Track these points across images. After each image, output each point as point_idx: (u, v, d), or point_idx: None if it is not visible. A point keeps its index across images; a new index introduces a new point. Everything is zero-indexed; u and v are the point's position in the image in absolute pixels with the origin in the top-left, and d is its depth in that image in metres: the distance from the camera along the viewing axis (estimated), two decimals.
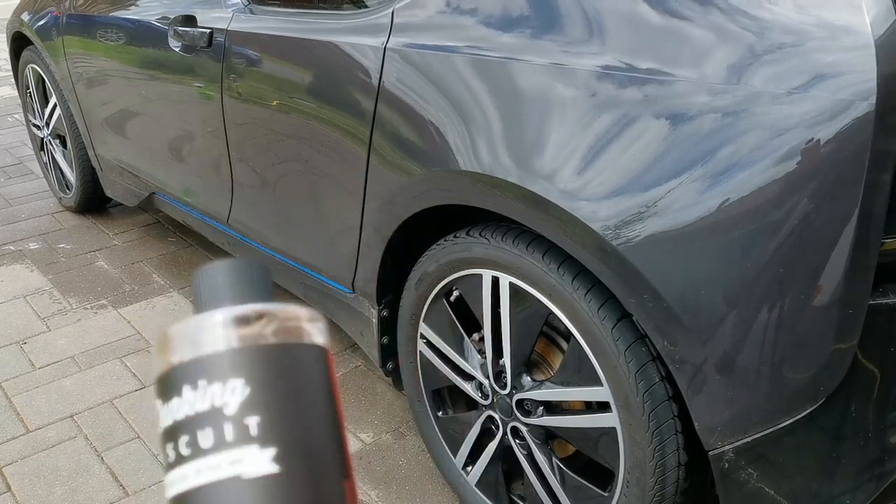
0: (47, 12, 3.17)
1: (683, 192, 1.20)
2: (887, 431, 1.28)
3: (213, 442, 0.29)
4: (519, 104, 1.40)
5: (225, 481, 0.28)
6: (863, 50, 1.06)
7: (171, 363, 0.31)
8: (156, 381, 0.31)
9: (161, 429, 0.31)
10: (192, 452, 0.29)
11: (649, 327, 1.31)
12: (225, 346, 0.30)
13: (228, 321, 0.31)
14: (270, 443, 0.29)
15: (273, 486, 0.29)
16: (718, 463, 1.31)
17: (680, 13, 1.23)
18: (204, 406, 0.29)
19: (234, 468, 0.29)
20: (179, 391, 0.30)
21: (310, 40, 1.86)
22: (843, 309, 1.15)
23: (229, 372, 0.30)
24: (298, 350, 0.31)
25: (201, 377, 0.30)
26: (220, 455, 0.29)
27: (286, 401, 0.30)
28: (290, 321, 0.31)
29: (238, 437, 0.29)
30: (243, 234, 2.43)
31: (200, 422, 0.29)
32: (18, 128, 4.98)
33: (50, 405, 2.28)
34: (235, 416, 0.29)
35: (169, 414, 0.30)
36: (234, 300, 0.32)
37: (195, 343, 0.30)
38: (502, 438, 1.71)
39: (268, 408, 0.29)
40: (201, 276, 0.33)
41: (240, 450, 0.29)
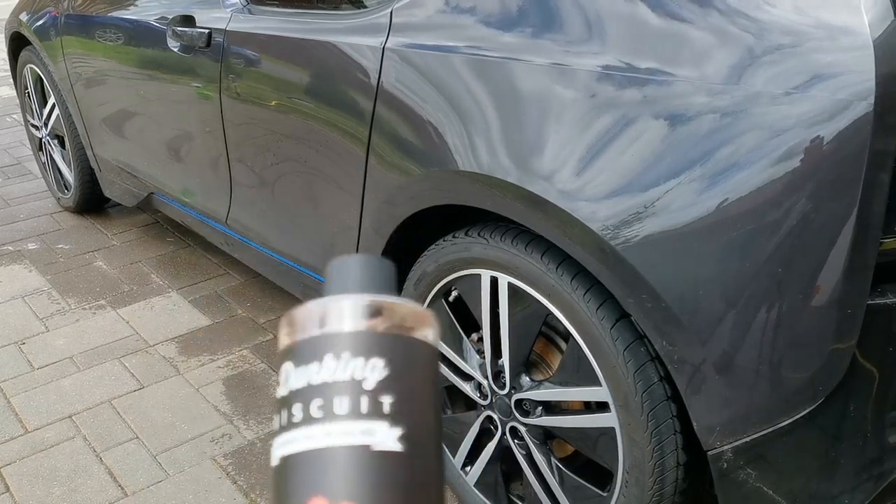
0: (46, 12, 3.17)
1: (682, 193, 1.20)
2: (886, 431, 1.28)
3: (348, 410, 0.31)
4: (518, 104, 1.40)
5: (354, 448, 0.30)
6: (861, 50, 1.06)
7: (314, 332, 0.33)
8: (289, 346, 0.33)
9: (288, 390, 0.32)
10: (325, 416, 0.31)
11: (648, 327, 1.31)
12: (372, 327, 0.32)
13: (372, 305, 0.33)
14: (400, 423, 0.31)
15: (396, 463, 0.30)
16: (717, 463, 1.31)
17: (679, 14, 1.23)
18: (344, 376, 0.31)
19: (364, 438, 0.30)
20: (321, 358, 0.32)
21: (308, 40, 1.86)
22: (842, 309, 1.15)
23: (373, 351, 0.32)
24: (424, 347, 0.33)
25: (346, 350, 0.32)
26: (353, 423, 0.31)
27: (416, 388, 0.32)
28: (420, 318, 0.34)
29: (372, 411, 0.31)
30: (242, 234, 2.43)
31: (339, 389, 0.31)
32: (17, 128, 4.98)
33: (49, 405, 2.28)
34: (373, 392, 0.31)
35: (304, 376, 0.32)
36: (372, 289, 0.34)
37: (341, 318, 0.33)
38: (501, 438, 1.71)
39: (402, 390, 0.31)
40: (336, 265, 0.36)
41: (372, 423, 0.31)
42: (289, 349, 0.33)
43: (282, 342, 0.34)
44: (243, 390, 2.33)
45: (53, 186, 3.70)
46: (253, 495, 1.93)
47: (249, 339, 2.60)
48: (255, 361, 2.47)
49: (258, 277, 2.98)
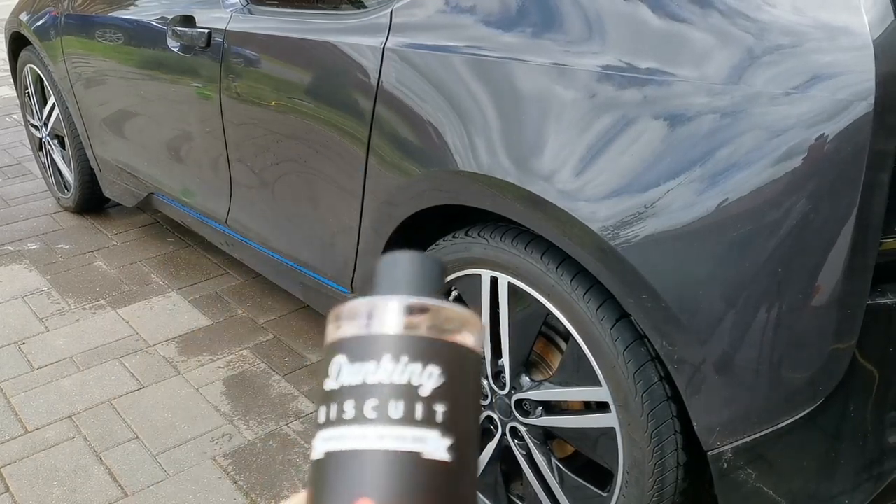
0: (46, 12, 3.17)
1: (682, 193, 1.20)
2: (886, 431, 1.28)
3: (402, 414, 0.31)
4: (517, 104, 1.40)
5: (406, 454, 0.30)
6: (861, 50, 1.06)
7: (372, 331, 0.33)
8: (343, 339, 0.33)
9: (340, 384, 0.32)
10: (378, 417, 0.31)
11: (648, 327, 1.31)
12: (430, 333, 0.32)
13: (431, 309, 0.33)
14: (450, 433, 0.31)
15: (444, 473, 0.30)
16: (717, 463, 1.31)
17: (679, 15, 1.23)
18: (402, 380, 0.31)
19: (417, 445, 0.30)
20: (379, 358, 0.32)
21: (308, 40, 1.86)
22: (842, 309, 1.15)
23: (432, 358, 0.32)
24: (473, 355, 0.34)
25: (405, 354, 0.32)
26: (407, 430, 0.31)
27: (467, 398, 0.32)
28: (472, 325, 0.34)
29: (426, 419, 0.31)
30: (242, 234, 2.43)
31: (395, 393, 0.31)
32: (17, 128, 4.98)
33: (48, 405, 2.28)
34: (428, 399, 0.31)
35: (359, 374, 0.32)
36: (424, 289, 0.34)
37: (400, 320, 0.33)
38: (501, 439, 1.71)
39: (454, 400, 0.32)
40: (387, 262, 0.35)
41: (425, 430, 0.31)
42: (342, 343, 0.33)
43: (332, 334, 0.34)
44: (243, 390, 2.33)
45: (53, 186, 3.70)
46: (253, 495, 1.93)
47: (249, 339, 2.60)
48: (255, 361, 2.47)
49: (258, 277, 2.98)
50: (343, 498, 0.30)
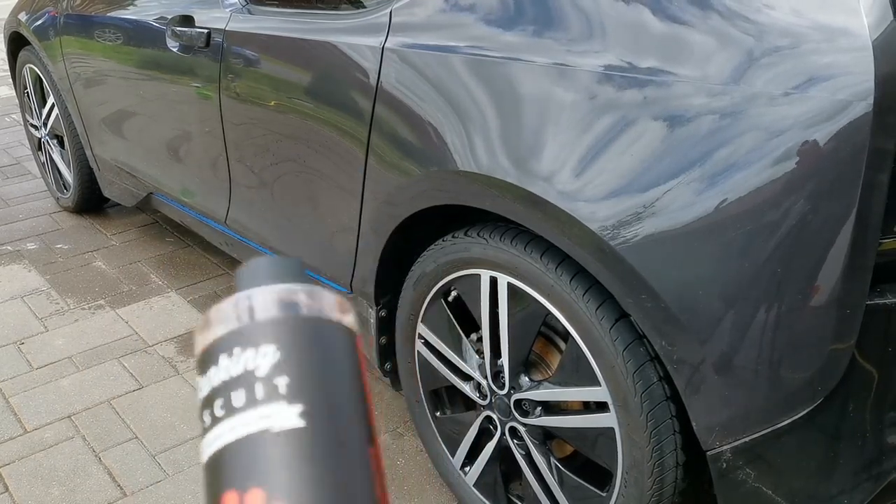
0: (45, 12, 3.17)
1: (682, 193, 1.20)
2: (885, 431, 1.28)
3: (244, 401, 0.31)
4: (517, 104, 1.40)
5: (255, 435, 0.30)
6: (860, 51, 1.06)
7: (211, 339, 0.33)
8: (197, 360, 0.33)
9: (199, 401, 0.33)
10: (226, 413, 0.31)
11: (647, 327, 1.31)
12: (260, 317, 0.32)
13: (264, 296, 0.33)
14: (297, 400, 0.31)
15: (300, 439, 0.30)
16: (716, 463, 1.31)
17: (679, 16, 1.23)
18: (238, 370, 0.31)
19: (263, 422, 0.30)
20: (216, 361, 0.32)
21: (308, 40, 1.86)
22: (841, 309, 1.15)
23: (262, 339, 0.32)
24: (328, 325, 0.33)
25: (237, 345, 0.32)
26: (252, 412, 0.31)
27: (314, 365, 0.32)
28: (321, 301, 0.34)
29: (267, 395, 0.31)
30: (241, 235, 2.43)
31: (234, 384, 0.31)
32: (16, 128, 4.97)
33: (48, 405, 2.28)
34: (266, 377, 0.31)
35: (207, 384, 0.32)
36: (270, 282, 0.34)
37: (231, 318, 0.33)
38: (500, 438, 1.71)
39: (296, 369, 0.31)
40: (243, 268, 0.35)
41: (269, 406, 0.30)
42: (197, 361, 0.34)
43: (195, 355, 0.34)
44: None
45: (52, 186, 3.69)
46: None
47: None
48: None
49: None
50: (212, 499, 0.30)
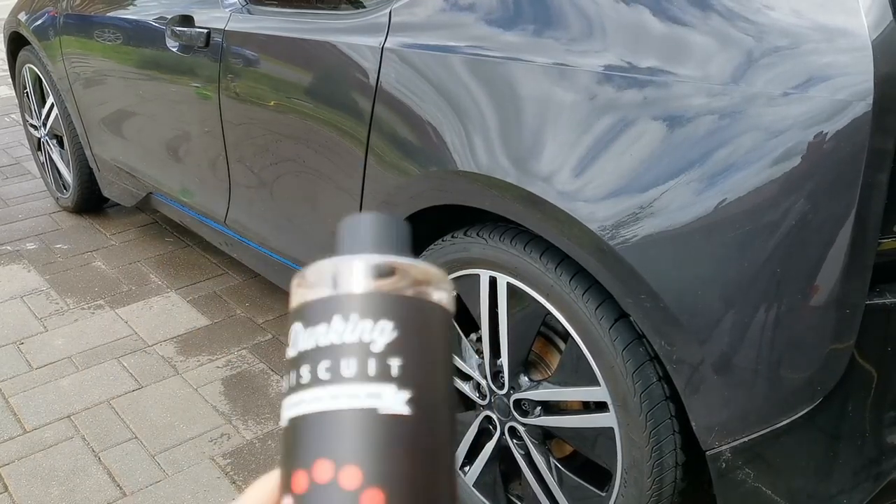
0: (44, 12, 3.17)
1: (681, 193, 1.20)
2: (884, 431, 1.28)
3: (355, 372, 0.30)
4: (517, 104, 1.40)
5: (360, 411, 0.30)
6: (860, 51, 1.06)
7: (324, 293, 0.32)
8: (301, 308, 0.33)
9: (297, 351, 0.32)
10: (332, 378, 0.31)
11: (647, 327, 1.31)
12: (380, 288, 0.32)
13: (385, 267, 0.33)
14: (407, 386, 0.31)
15: (403, 427, 0.30)
16: (716, 463, 1.31)
17: (680, 17, 1.23)
18: (352, 338, 0.31)
19: (371, 401, 0.30)
20: (329, 319, 0.32)
21: (307, 40, 1.86)
22: (841, 309, 1.15)
23: (382, 313, 0.31)
24: (438, 310, 0.33)
25: (355, 311, 0.31)
26: (360, 386, 0.30)
27: (425, 351, 0.32)
28: (433, 279, 0.33)
29: (380, 374, 0.30)
30: (241, 235, 2.43)
31: (346, 352, 0.31)
32: (15, 128, 4.97)
33: (47, 405, 2.28)
34: (381, 354, 0.31)
35: (312, 338, 0.32)
36: (384, 249, 0.34)
37: (351, 279, 0.32)
38: (500, 438, 1.71)
39: (410, 353, 0.31)
40: (348, 224, 0.35)
41: (379, 386, 0.30)
42: (299, 309, 0.33)
43: (293, 302, 0.34)
44: (242, 390, 2.33)
45: (52, 186, 3.69)
46: None
47: (248, 338, 2.60)
48: (253, 361, 2.47)
49: (257, 277, 2.98)
50: (302, 461, 0.30)
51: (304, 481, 0.30)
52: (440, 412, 0.31)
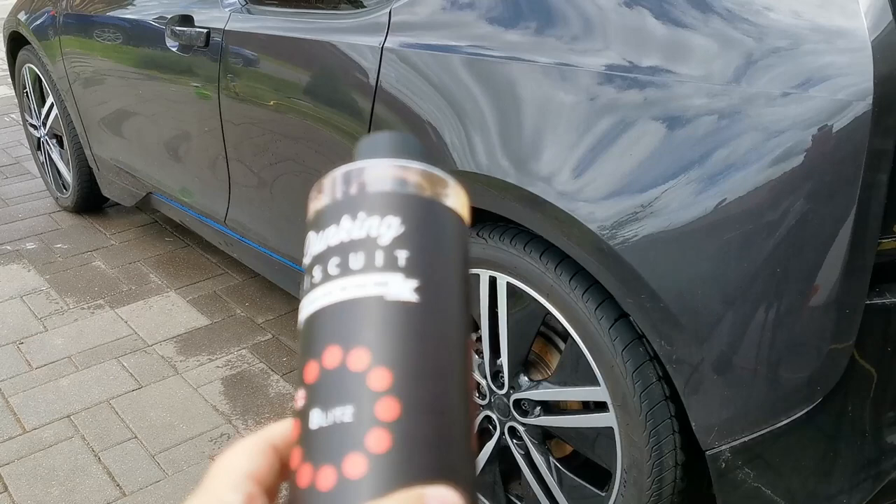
0: (44, 12, 3.17)
1: (681, 193, 1.20)
2: (884, 431, 1.28)
3: (363, 264, 0.31)
4: (517, 104, 1.40)
5: (368, 298, 0.31)
6: (859, 51, 1.06)
7: (334, 199, 0.33)
8: (313, 216, 0.34)
9: (310, 257, 0.33)
10: (341, 272, 0.31)
11: (646, 327, 1.31)
12: (389, 188, 0.33)
13: (392, 169, 0.33)
14: (414, 275, 0.31)
15: (411, 312, 0.31)
16: (715, 463, 1.31)
17: (680, 18, 1.23)
18: (360, 234, 0.32)
19: (378, 289, 0.31)
20: (338, 220, 0.32)
21: (307, 40, 1.86)
22: (840, 309, 1.15)
23: (389, 210, 0.32)
24: (448, 212, 0.33)
25: (362, 210, 0.32)
26: (368, 276, 0.31)
27: (433, 246, 0.32)
28: (446, 187, 0.34)
29: (387, 264, 0.31)
30: (240, 234, 2.43)
31: (354, 247, 0.32)
32: (15, 127, 4.97)
33: (47, 405, 2.28)
34: (388, 247, 0.31)
35: (323, 240, 0.33)
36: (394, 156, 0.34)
37: (360, 182, 0.33)
38: (500, 438, 1.71)
39: (417, 246, 0.32)
40: (365, 139, 0.35)
41: (386, 275, 0.31)
42: (312, 219, 0.34)
43: (308, 215, 0.35)
44: (242, 390, 2.33)
45: (52, 186, 3.69)
46: None
47: (248, 338, 2.60)
48: (253, 361, 2.47)
49: (257, 277, 2.98)
50: (314, 352, 0.31)
51: (314, 370, 0.30)
52: (450, 303, 0.32)
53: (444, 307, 0.31)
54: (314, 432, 0.29)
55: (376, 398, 0.29)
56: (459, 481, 0.29)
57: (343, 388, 0.29)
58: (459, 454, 0.30)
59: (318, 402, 0.30)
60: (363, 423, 0.29)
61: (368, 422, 0.29)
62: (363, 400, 0.29)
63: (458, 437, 0.30)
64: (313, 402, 0.30)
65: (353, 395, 0.29)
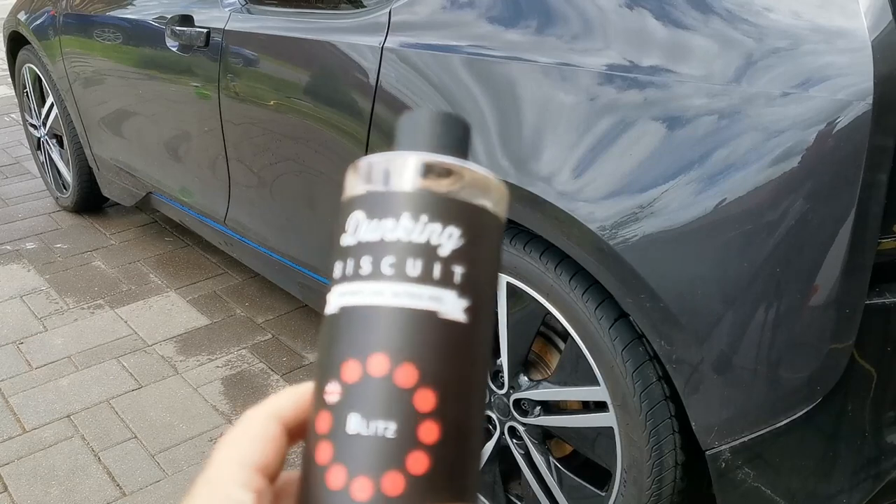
0: (44, 12, 3.17)
1: (681, 193, 1.20)
2: (883, 431, 1.28)
3: (419, 273, 0.31)
4: (516, 104, 1.40)
5: (421, 311, 0.30)
6: (860, 51, 1.06)
7: (391, 187, 0.32)
8: (363, 195, 0.32)
9: (357, 240, 0.32)
10: (396, 274, 0.31)
11: (646, 327, 1.31)
12: (453, 194, 0.32)
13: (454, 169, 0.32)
14: (467, 294, 0.31)
15: (460, 334, 0.31)
16: (715, 462, 1.31)
17: (681, 18, 1.23)
18: (421, 239, 0.31)
19: (433, 304, 0.30)
20: (398, 216, 0.31)
21: (307, 40, 1.86)
22: (840, 309, 1.15)
23: (452, 218, 0.31)
24: (497, 220, 0.33)
25: (426, 212, 0.31)
26: (423, 288, 0.30)
27: (486, 262, 0.32)
28: (495, 188, 0.33)
29: (443, 278, 0.31)
30: (240, 234, 2.43)
31: (414, 251, 0.31)
32: (15, 127, 4.97)
33: (47, 405, 2.28)
34: (446, 260, 0.31)
35: (377, 230, 0.31)
36: (446, 147, 0.33)
37: (423, 177, 0.32)
38: (499, 438, 1.71)
39: (473, 262, 0.31)
40: (410, 118, 0.34)
41: (442, 290, 0.31)
42: (360, 198, 0.33)
43: (350, 190, 0.33)
44: (242, 390, 2.33)
45: (52, 186, 3.69)
46: None
47: (248, 338, 2.60)
48: (253, 361, 2.47)
49: (256, 277, 2.98)
50: (356, 351, 0.30)
51: (356, 371, 0.30)
52: (488, 324, 0.32)
53: (485, 329, 0.32)
54: (352, 437, 0.29)
55: (420, 419, 0.29)
56: (475, 496, 0.30)
57: (388, 402, 0.29)
58: (478, 473, 0.31)
59: (358, 407, 0.30)
60: (406, 442, 0.29)
61: (411, 442, 0.29)
62: (408, 419, 0.29)
63: (479, 456, 0.31)
64: (353, 405, 0.30)
65: (398, 413, 0.29)
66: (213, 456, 0.32)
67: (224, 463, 0.31)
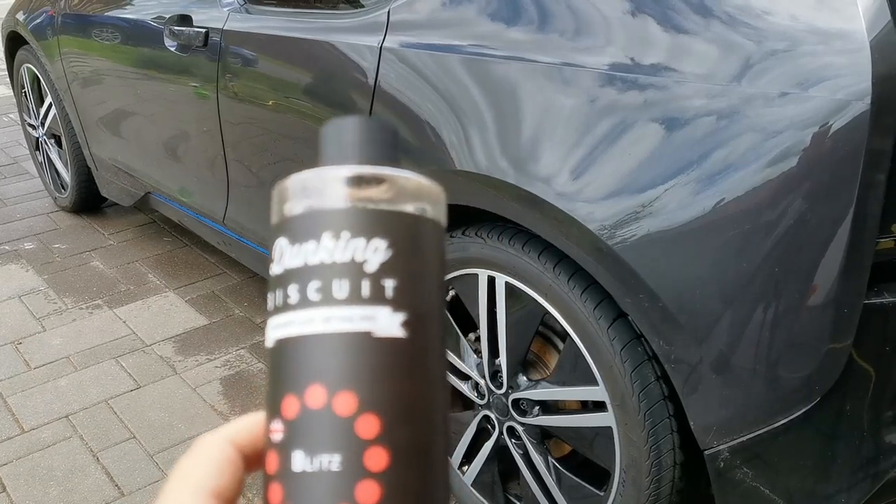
0: (42, 12, 3.17)
1: (680, 193, 1.21)
2: (882, 430, 1.28)
3: (347, 294, 0.29)
4: (515, 104, 1.40)
5: (355, 334, 0.29)
6: (858, 52, 1.06)
7: (312, 206, 0.30)
8: (286, 222, 0.31)
9: (283, 268, 0.30)
10: (323, 299, 0.29)
11: (645, 327, 1.31)
12: (376, 204, 0.30)
13: (376, 178, 0.31)
14: (403, 308, 0.29)
15: (399, 351, 0.29)
16: (714, 462, 1.31)
17: (680, 19, 1.23)
18: (344, 258, 0.29)
19: (365, 324, 0.29)
20: (318, 237, 0.30)
21: (306, 40, 1.86)
22: (839, 308, 1.16)
23: (375, 231, 0.30)
24: (431, 226, 0.31)
25: (346, 229, 0.30)
26: (353, 309, 0.29)
27: (421, 271, 0.30)
28: (425, 192, 0.31)
29: (374, 296, 0.29)
30: (239, 234, 2.43)
31: (338, 272, 0.29)
32: (14, 127, 4.97)
33: (45, 405, 2.27)
34: (374, 275, 0.29)
35: (300, 255, 0.30)
36: (372, 157, 0.32)
37: (341, 194, 0.30)
38: (498, 438, 1.71)
39: (406, 274, 0.30)
40: (332, 129, 0.33)
41: (373, 308, 0.29)
42: (282, 224, 0.31)
43: (274, 216, 0.32)
44: (240, 390, 2.33)
45: (50, 186, 3.69)
46: (249, 494, 1.93)
47: (246, 338, 2.60)
48: (252, 361, 2.47)
49: (255, 277, 2.98)
50: (293, 386, 0.29)
51: (295, 406, 0.29)
52: (434, 333, 0.30)
53: (429, 340, 0.30)
54: (298, 475, 0.28)
55: (365, 447, 0.28)
56: None
57: (329, 434, 0.28)
58: (443, 492, 0.29)
59: (301, 444, 0.28)
60: (352, 473, 0.28)
61: (358, 472, 0.28)
62: (351, 449, 0.28)
63: (442, 475, 0.29)
64: (295, 442, 0.29)
65: (340, 443, 0.28)
66: (167, 483, 0.31)
67: (178, 489, 0.30)
